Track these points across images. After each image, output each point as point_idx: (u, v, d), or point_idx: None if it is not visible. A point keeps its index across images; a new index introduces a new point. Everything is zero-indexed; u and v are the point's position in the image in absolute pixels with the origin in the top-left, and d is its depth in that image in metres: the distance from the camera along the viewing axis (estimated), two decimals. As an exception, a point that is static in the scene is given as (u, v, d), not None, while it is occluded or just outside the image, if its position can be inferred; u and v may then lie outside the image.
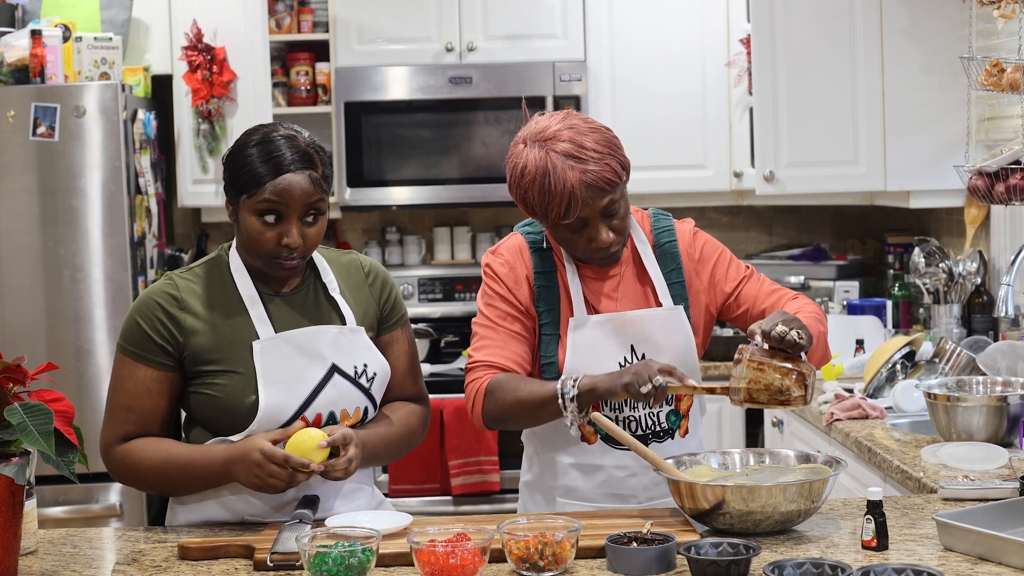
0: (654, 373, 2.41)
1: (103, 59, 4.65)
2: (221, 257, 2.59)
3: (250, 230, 2.48)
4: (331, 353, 2.53)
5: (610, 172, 2.49)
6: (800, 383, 2.39)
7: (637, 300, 2.66)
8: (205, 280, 2.56)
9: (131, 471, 2.53)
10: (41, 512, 3.79)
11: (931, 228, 4.97)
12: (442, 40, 5.08)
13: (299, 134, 2.52)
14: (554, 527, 2.20)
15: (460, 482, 4.71)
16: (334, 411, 2.53)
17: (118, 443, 2.52)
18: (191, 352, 2.50)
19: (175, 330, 2.50)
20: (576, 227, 2.54)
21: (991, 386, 3.18)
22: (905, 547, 2.25)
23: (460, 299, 5.33)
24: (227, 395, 2.49)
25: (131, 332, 2.52)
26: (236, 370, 2.49)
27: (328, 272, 2.63)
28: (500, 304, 2.64)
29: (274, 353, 2.50)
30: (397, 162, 5.07)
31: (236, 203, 2.50)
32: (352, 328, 2.58)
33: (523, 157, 2.52)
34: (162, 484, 2.56)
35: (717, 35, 5.10)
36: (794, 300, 2.69)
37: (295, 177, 2.46)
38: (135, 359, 2.51)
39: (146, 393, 2.51)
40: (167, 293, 2.53)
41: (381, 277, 2.69)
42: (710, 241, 2.74)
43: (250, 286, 2.55)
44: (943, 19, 4.23)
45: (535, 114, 2.62)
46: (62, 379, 4.24)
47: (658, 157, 5.06)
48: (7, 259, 4.50)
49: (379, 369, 2.59)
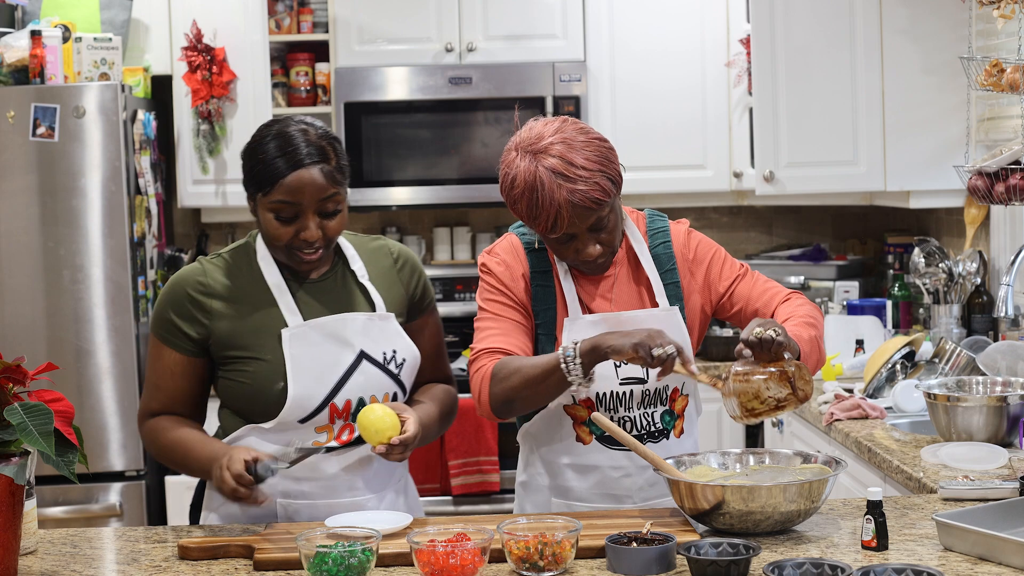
0: (667, 341, 2.40)
1: (103, 59, 4.65)
2: (249, 244, 2.62)
3: (267, 226, 2.52)
4: (359, 340, 2.55)
5: (599, 191, 2.47)
6: (783, 380, 2.39)
7: (632, 301, 2.66)
8: (233, 267, 2.59)
9: (153, 445, 2.64)
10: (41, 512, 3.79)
11: (931, 228, 4.97)
12: (442, 40, 5.08)
13: (311, 126, 2.53)
14: (554, 527, 2.21)
15: (460, 482, 4.71)
16: (363, 397, 2.55)
17: (148, 417, 2.62)
18: (217, 338, 2.54)
19: (201, 316, 2.54)
20: (563, 240, 2.54)
21: (991, 386, 3.18)
22: (905, 547, 2.25)
23: (460, 299, 5.33)
24: (255, 382, 2.52)
25: (159, 316, 2.58)
26: (263, 357, 2.52)
27: (356, 259, 2.65)
28: (500, 297, 2.64)
29: (302, 341, 2.52)
30: (397, 162, 5.07)
31: (253, 199, 2.53)
32: (381, 315, 2.60)
33: (513, 167, 2.51)
34: (173, 463, 2.63)
35: (717, 35, 5.10)
36: (787, 301, 2.67)
37: (307, 173, 2.47)
38: (162, 342, 2.58)
39: (170, 375, 2.58)
40: (195, 279, 2.57)
41: (411, 263, 2.71)
42: (704, 241, 2.74)
43: (276, 274, 2.57)
44: (943, 19, 4.23)
45: (531, 119, 2.60)
46: (62, 379, 4.25)
47: (658, 157, 5.06)
48: (7, 259, 4.50)
49: (408, 355, 2.61)
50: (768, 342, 2.39)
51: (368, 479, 2.60)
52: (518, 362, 2.54)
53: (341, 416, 2.55)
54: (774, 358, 2.41)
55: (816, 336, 2.59)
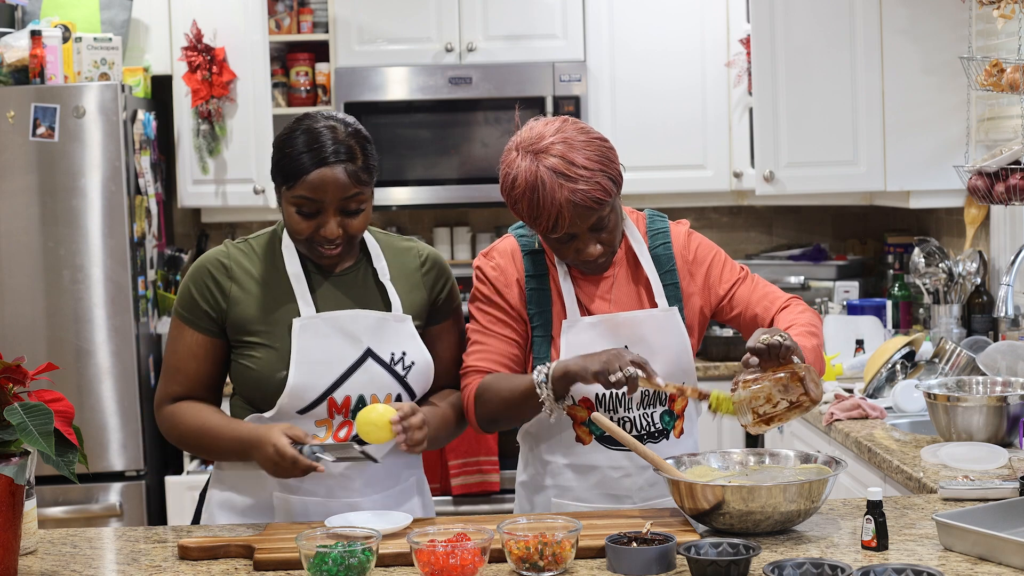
0: (625, 363, 2.42)
1: (103, 59, 4.65)
2: (276, 232, 2.64)
3: (290, 219, 2.53)
4: (368, 337, 2.56)
5: (600, 191, 2.48)
6: (795, 380, 2.40)
7: (631, 301, 2.66)
8: (257, 253, 2.61)
9: (173, 431, 2.62)
10: (41, 512, 3.79)
11: (931, 228, 4.97)
12: (442, 40, 5.08)
13: (342, 123, 2.53)
14: (554, 527, 2.21)
15: (460, 482, 4.72)
16: (364, 395, 2.55)
17: (168, 403, 2.61)
18: (233, 320, 2.56)
19: (220, 297, 2.56)
20: (564, 239, 2.54)
21: (991, 386, 3.18)
22: (905, 547, 2.25)
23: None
24: (260, 368, 2.53)
25: (183, 296, 2.60)
26: (273, 345, 2.53)
27: (380, 258, 2.65)
28: (489, 308, 2.66)
29: (311, 332, 2.53)
30: (397, 162, 5.07)
31: (279, 190, 2.54)
32: (397, 315, 2.60)
33: (514, 167, 2.52)
34: (196, 449, 2.63)
35: (717, 35, 5.10)
36: (786, 307, 2.68)
37: (331, 171, 2.47)
38: (184, 322, 2.59)
39: (191, 356, 2.58)
40: (219, 260, 2.59)
41: (438, 267, 2.72)
42: (704, 243, 2.74)
43: (297, 264, 2.58)
44: (943, 19, 4.23)
45: (531, 118, 2.61)
46: (62, 379, 4.25)
47: (658, 157, 5.06)
48: (7, 259, 4.50)
49: (419, 359, 2.60)
50: (776, 347, 2.39)
51: (368, 478, 2.59)
52: (499, 384, 2.58)
53: (340, 412, 2.55)
54: (782, 364, 2.41)
55: (817, 345, 2.60)
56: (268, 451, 2.43)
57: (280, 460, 2.43)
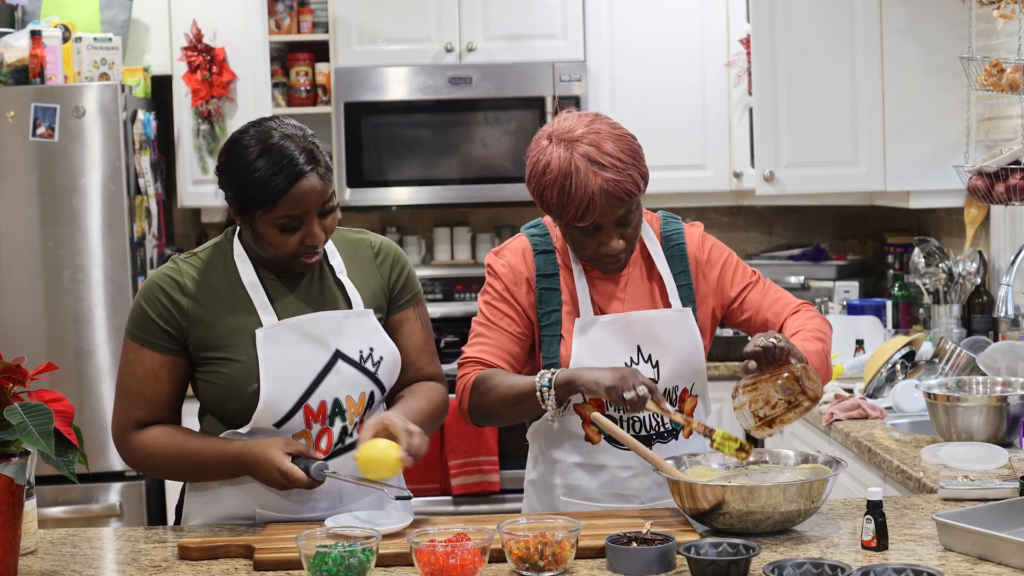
0: (639, 383, 2.42)
1: (103, 59, 4.65)
2: (224, 242, 2.56)
3: (272, 240, 2.45)
4: (335, 339, 2.51)
5: (631, 183, 2.49)
6: (791, 380, 2.40)
7: (644, 301, 2.66)
8: (208, 266, 2.52)
9: (147, 460, 2.51)
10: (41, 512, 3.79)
11: (931, 228, 4.97)
12: (442, 40, 5.08)
13: (293, 130, 2.45)
14: (554, 527, 2.20)
15: (460, 482, 4.71)
16: (338, 398, 2.50)
17: (132, 429, 2.51)
18: (194, 337, 2.48)
19: (177, 315, 2.48)
20: (589, 231, 2.54)
21: (991, 386, 3.18)
22: (905, 547, 2.25)
23: (460, 299, 5.33)
24: (229, 383, 2.47)
25: (136, 317, 2.51)
26: (238, 358, 2.47)
27: (335, 254, 2.59)
28: (498, 303, 2.65)
29: (276, 341, 2.47)
30: (397, 162, 5.07)
31: (249, 217, 2.45)
32: (358, 311, 2.55)
33: (547, 154, 2.51)
34: (176, 475, 2.55)
35: (717, 35, 5.10)
36: (796, 313, 2.68)
37: (307, 182, 2.41)
38: (142, 344, 2.49)
39: (154, 378, 2.49)
40: (170, 277, 2.50)
41: (392, 255, 2.65)
42: (717, 245, 2.75)
43: (252, 273, 2.51)
44: (943, 19, 4.23)
45: (561, 111, 2.61)
46: (62, 379, 4.24)
47: (658, 157, 5.00)
48: (7, 259, 4.50)
49: (387, 353, 2.56)
50: (771, 349, 2.40)
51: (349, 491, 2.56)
52: (498, 379, 2.57)
53: (317, 419, 2.49)
54: (780, 365, 2.42)
55: (824, 350, 2.59)
56: (273, 475, 2.39)
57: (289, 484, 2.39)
